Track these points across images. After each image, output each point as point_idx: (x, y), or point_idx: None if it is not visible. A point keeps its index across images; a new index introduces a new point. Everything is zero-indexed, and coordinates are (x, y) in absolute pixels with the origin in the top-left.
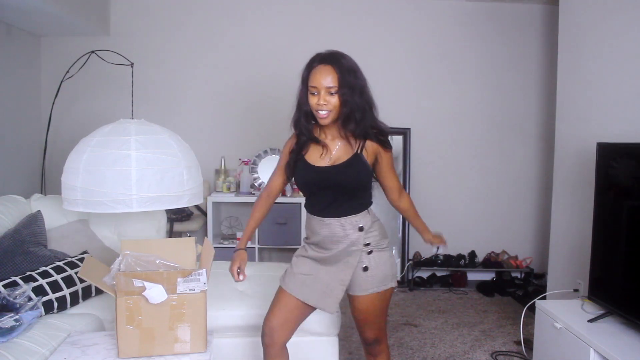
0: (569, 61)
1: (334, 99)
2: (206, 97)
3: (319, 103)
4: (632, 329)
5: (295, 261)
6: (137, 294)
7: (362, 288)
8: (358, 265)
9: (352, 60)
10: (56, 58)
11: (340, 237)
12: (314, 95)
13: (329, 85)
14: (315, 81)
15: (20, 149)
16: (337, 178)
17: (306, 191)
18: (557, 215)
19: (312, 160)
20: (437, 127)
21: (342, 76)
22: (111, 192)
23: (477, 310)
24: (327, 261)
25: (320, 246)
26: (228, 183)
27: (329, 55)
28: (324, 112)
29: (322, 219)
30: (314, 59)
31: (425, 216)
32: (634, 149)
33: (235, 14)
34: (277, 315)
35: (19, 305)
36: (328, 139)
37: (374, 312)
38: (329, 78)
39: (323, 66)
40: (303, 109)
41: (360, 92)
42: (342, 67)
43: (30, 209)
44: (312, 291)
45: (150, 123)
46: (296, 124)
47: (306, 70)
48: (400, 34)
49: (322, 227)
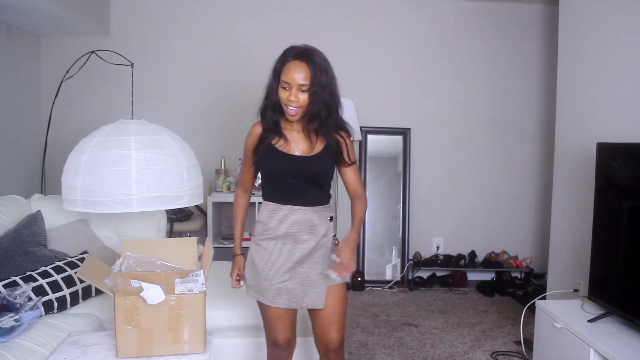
0: (569, 61)
1: (304, 96)
2: (206, 97)
3: (290, 99)
4: (632, 329)
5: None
6: (135, 294)
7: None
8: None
9: (324, 58)
10: (56, 58)
11: (316, 225)
12: (285, 90)
13: (302, 82)
14: (288, 76)
15: (20, 149)
16: (312, 168)
17: (277, 180)
18: (557, 215)
19: (285, 149)
20: (437, 127)
21: (314, 74)
22: (111, 192)
23: (477, 310)
24: (299, 260)
25: (291, 239)
26: (228, 183)
27: (304, 51)
28: (293, 109)
29: (300, 207)
30: (288, 53)
31: (426, 216)
32: (634, 149)
33: (235, 14)
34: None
35: (19, 305)
36: (294, 131)
37: (344, 303)
38: (302, 75)
39: (298, 62)
40: (272, 100)
41: (329, 92)
42: (316, 65)
43: (30, 209)
44: (292, 295)
45: (150, 123)
46: (263, 114)
47: (279, 62)
48: (400, 34)
49: (299, 215)
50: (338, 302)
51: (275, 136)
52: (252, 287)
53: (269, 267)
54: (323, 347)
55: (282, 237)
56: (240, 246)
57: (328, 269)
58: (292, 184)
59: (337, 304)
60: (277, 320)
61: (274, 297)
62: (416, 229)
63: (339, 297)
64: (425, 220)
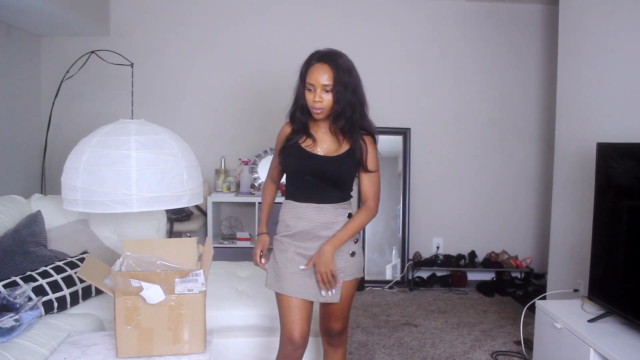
0: (569, 61)
1: (328, 96)
2: (206, 97)
3: (315, 99)
4: (632, 329)
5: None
6: (135, 294)
7: (347, 273)
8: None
9: (348, 60)
10: (56, 58)
11: (333, 223)
12: (310, 92)
13: (325, 83)
14: (312, 78)
15: (20, 149)
16: (332, 168)
17: (297, 177)
18: (557, 215)
19: (308, 148)
20: (437, 127)
21: (337, 75)
22: (111, 192)
23: (477, 310)
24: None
25: (308, 236)
26: (228, 183)
27: (327, 54)
28: (318, 109)
29: (318, 205)
30: (313, 56)
31: (426, 216)
32: (634, 149)
33: (234, 14)
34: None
35: (19, 305)
36: (321, 132)
37: (350, 298)
38: (325, 76)
39: (321, 64)
40: (299, 103)
41: (353, 91)
42: (338, 66)
43: (30, 209)
44: (310, 287)
45: (150, 123)
46: (292, 117)
47: (304, 66)
48: (400, 34)
49: (316, 213)
50: (347, 298)
51: (303, 136)
52: (271, 279)
53: (288, 260)
54: (325, 332)
55: (299, 234)
56: (266, 226)
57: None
58: (311, 182)
59: (346, 299)
60: (294, 311)
61: (291, 287)
62: (416, 229)
63: (349, 293)
64: (425, 220)
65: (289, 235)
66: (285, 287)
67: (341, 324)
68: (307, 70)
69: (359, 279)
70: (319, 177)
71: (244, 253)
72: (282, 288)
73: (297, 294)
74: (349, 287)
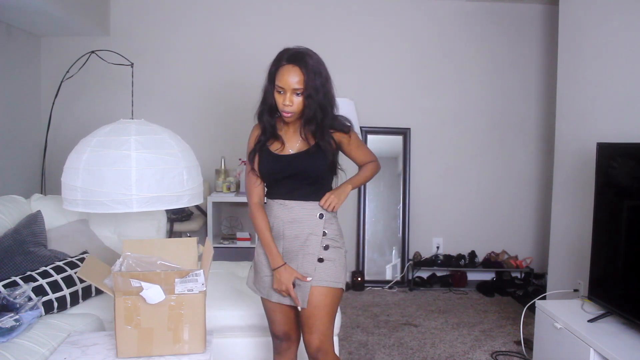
0: (569, 61)
1: (298, 99)
2: (206, 97)
3: (285, 103)
4: (632, 329)
5: (258, 262)
6: (135, 294)
7: (315, 279)
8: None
9: (318, 59)
10: (56, 58)
11: (301, 220)
12: (280, 94)
13: (295, 87)
14: (282, 81)
15: (20, 149)
16: (297, 165)
17: (269, 179)
18: (557, 215)
19: (275, 150)
20: (437, 127)
21: (308, 77)
22: (111, 192)
23: (477, 310)
24: (288, 257)
25: (281, 235)
26: (228, 183)
27: (296, 55)
28: (289, 112)
29: (284, 201)
30: (282, 56)
31: (426, 216)
32: (634, 149)
33: (234, 14)
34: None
35: (19, 305)
36: (290, 131)
37: (323, 308)
38: (296, 79)
39: (291, 66)
40: (268, 103)
41: (324, 94)
42: (309, 68)
43: (30, 209)
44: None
45: (150, 123)
46: (260, 118)
47: (273, 66)
48: (400, 34)
49: (283, 210)
50: (318, 306)
51: (272, 139)
52: (250, 279)
53: (260, 261)
54: (306, 349)
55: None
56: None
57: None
58: (281, 182)
59: (318, 307)
60: (271, 312)
61: (264, 290)
62: (416, 229)
63: (321, 301)
64: (425, 220)
65: None
66: (260, 289)
67: (317, 338)
68: (277, 70)
69: (334, 291)
70: (289, 175)
71: (244, 253)
72: (259, 291)
73: (270, 297)
74: (319, 294)
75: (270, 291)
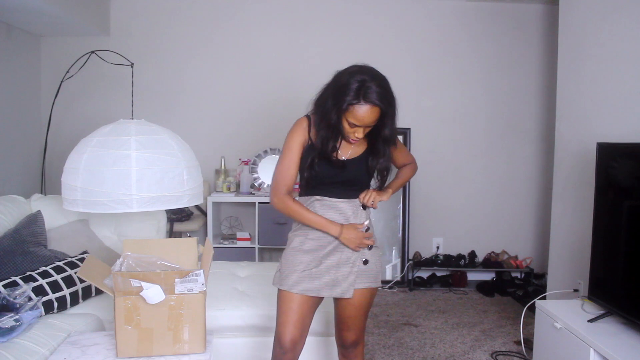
0: (569, 61)
1: (368, 129)
2: (206, 97)
3: (357, 136)
4: (632, 329)
5: (293, 259)
6: (135, 294)
7: (359, 281)
8: (359, 259)
9: (392, 92)
10: (56, 58)
11: (348, 216)
12: (351, 127)
13: (371, 124)
14: (359, 119)
15: (20, 149)
16: (351, 172)
17: (315, 181)
18: (557, 215)
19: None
20: (437, 127)
21: (384, 117)
22: (111, 192)
23: (477, 310)
24: (330, 250)
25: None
26: (228, 183)
27: (382, 96)
28: (356, 140)
29: (332, 199)
30: (367, 92)
31: (426, 216)
32: (634, 149)
33: (235, 14)
34: (296, 325)
35: (19, 305)
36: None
37: (363, 308)
38: (373, 118)
39: (373, 108)
40: (331, 124)
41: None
42: (389, 108)
43: (30, 209)
44: (321, 283)
45: (150, 123)
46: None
47: (353, 97)
48: (401, 34)
49: (331, 207)
50: (360, 307)
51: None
52: (277, 276)
53: (297, 257)
54: (339, 342)
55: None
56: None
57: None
58: (327, 184)
59: (359, 308)
60: (290, 311)
61: (295, 284)
62: (416, 229)
63: (362, 302)
64: (425, 220)
65: (303, 230)
66: (292, 282)
67: (354, 334)
68: (355, 106)
69: (374, 290)
70: (345, 182)
71: (244, 253)
72: (289, 284)
73: (308, 291)
74: (361, 296)
75: (308, 285)
